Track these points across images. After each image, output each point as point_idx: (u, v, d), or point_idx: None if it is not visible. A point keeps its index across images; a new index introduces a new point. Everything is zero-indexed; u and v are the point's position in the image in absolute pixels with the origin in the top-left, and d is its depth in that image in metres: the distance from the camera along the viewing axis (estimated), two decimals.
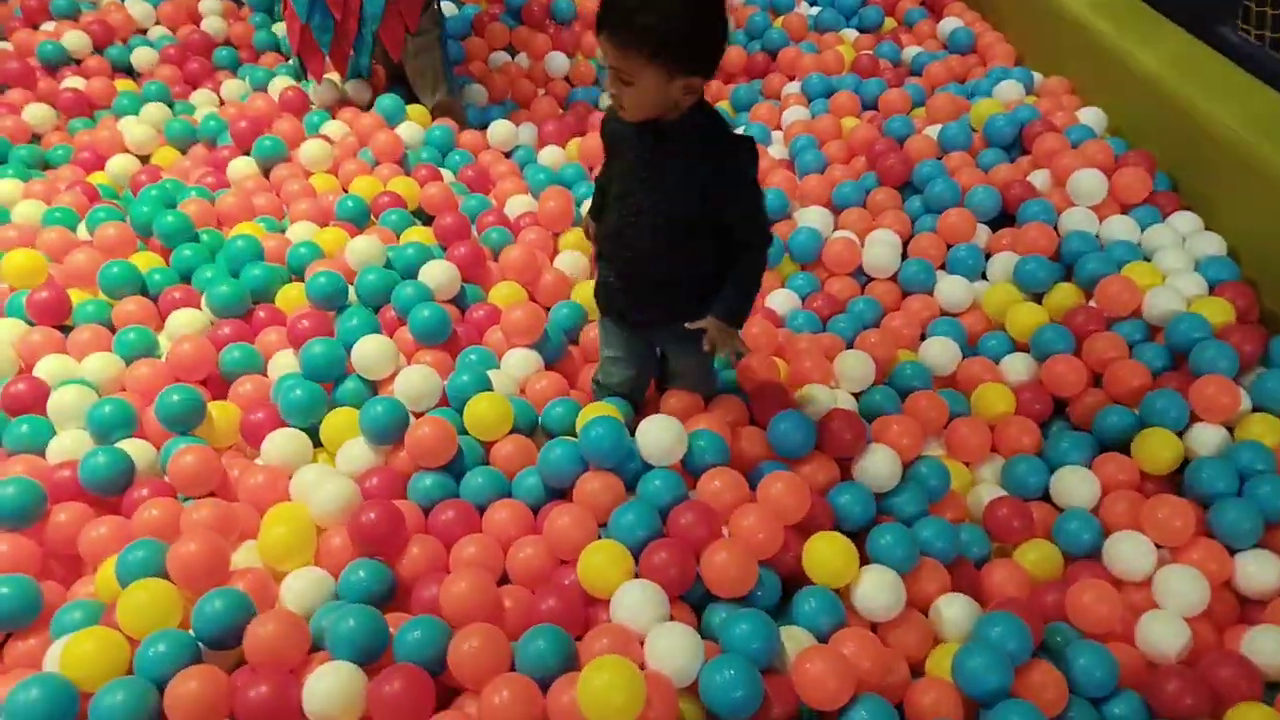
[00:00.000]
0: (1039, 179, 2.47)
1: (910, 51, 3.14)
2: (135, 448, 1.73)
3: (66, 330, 2.01)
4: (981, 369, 2.10)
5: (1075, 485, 1.85)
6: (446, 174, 2.62)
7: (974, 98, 2.82)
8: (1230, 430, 1.92)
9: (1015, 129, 2.61)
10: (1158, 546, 1.72)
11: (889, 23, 3.36)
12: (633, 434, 1.71)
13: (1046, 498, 1.89)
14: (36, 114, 2.72)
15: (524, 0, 3.33)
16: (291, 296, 2.07)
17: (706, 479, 1.67)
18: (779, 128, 2.87)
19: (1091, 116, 2.65)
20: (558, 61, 3.18)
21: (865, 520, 1.72)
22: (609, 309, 1.77)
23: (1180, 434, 1.90)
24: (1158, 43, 2.67)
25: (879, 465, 1.77)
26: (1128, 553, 1.71)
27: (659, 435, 1.67)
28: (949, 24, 3.21)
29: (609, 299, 1.76)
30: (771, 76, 3.14)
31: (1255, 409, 1.94)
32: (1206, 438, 1.89)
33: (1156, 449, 1.86)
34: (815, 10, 3.40)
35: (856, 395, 2.00)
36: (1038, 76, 2.92)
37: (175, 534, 1.54)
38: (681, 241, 1.59)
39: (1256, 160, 2.20)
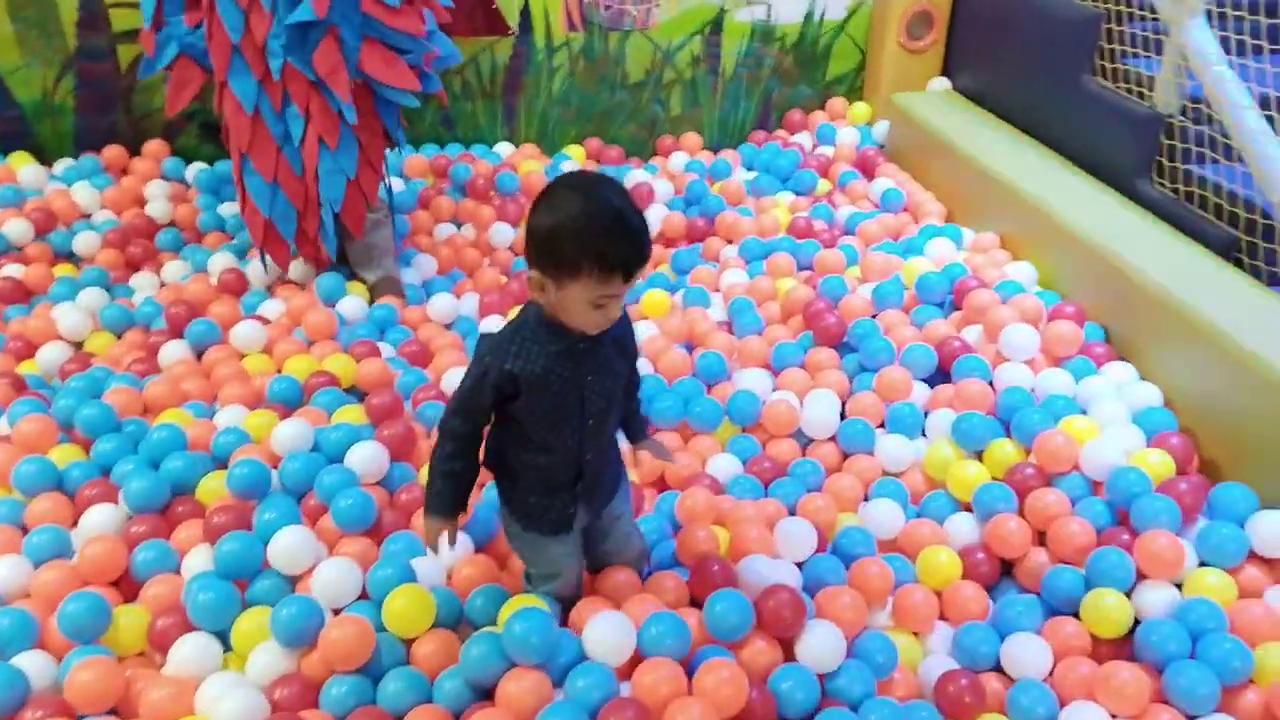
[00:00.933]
0: (973, 334, 2.49)
1: (844, 212, 3.22)
2: (34, 661, 1.63)
3: None
4: (927, 531, 2.05)
5: (1027, 654, 1.78)
6: (387, 349, 2.61)
7: (907, 255, 2.88)
8: (1179, 587, 1.87)
9: (947, 286, 2.65)
10: (1113, 717, 1.65)
11: (823, 185, 3.46)
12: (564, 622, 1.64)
13: (998, 667, 1.82)
14: None
15: (469, 174, 3.41)
16: (212, 488, 2.01)
17: (641, 671, 1.59)
18: (718, 290, 2.91)
19: (1021, 271, 2.70)
20: (502, 233, 3.23)
21: (810, 707, 1.64)
22: (564, 525, 1.67)
23: (1129, 593, 1.85)
24: (1081, 198, 2.76)
25: (823, 644, 1.71)
26: None
27: (610, 636, 1.62)
28: (881, 184, 3.31)
29: (564, 518, 1.66)
30: (710, 240, 3.20)
31: (1202, 563, 1.90)
32: (1156, 597, 1.84)
33: (1107, 611, 1.82)
34: (752, 175, 3.51)
35: (799, 564, 1.94)
36: (968, 233, 3.00)
37: None
38: (621, 408, 1.66)
39: (1184, 310, 2.24)
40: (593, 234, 1.36)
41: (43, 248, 3.01)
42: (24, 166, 3.30)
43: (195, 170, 3.46)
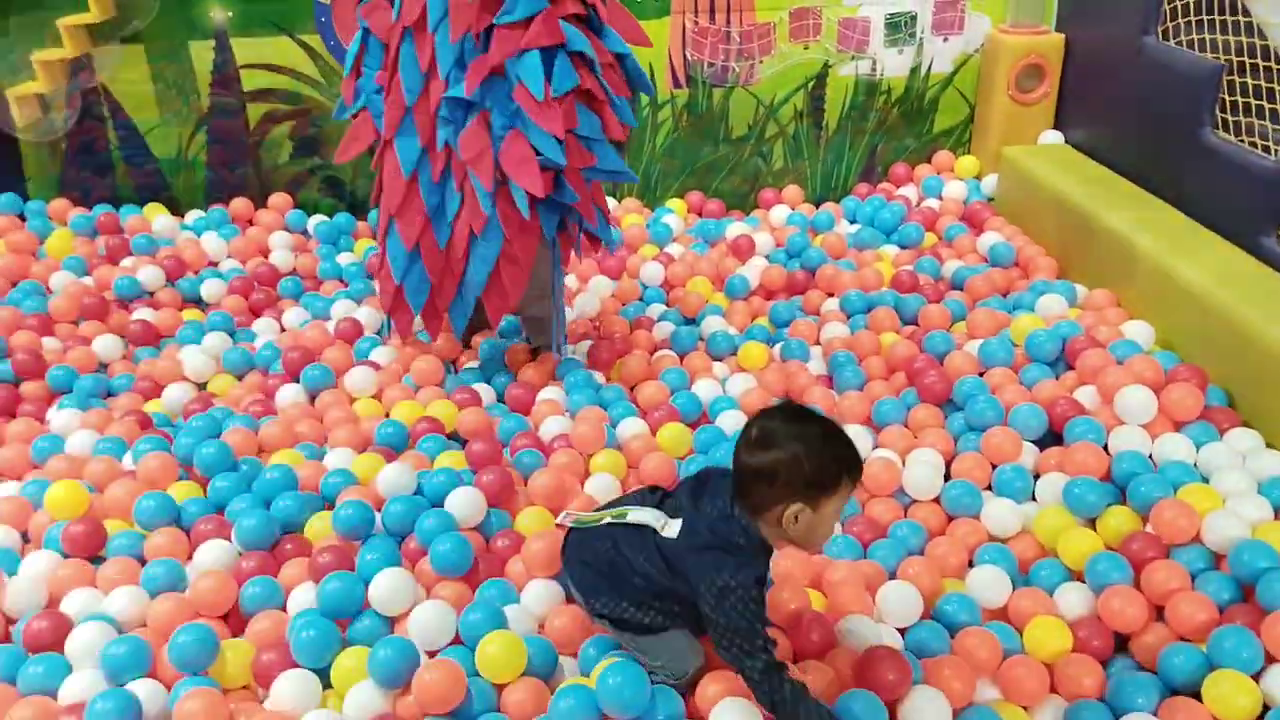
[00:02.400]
0: (1085, 396, 2.40)
1: (950, 266, 3.16)
2: (146, 689, 1.69)
3: (100, 562, 2.03)
4: (1034, 601, 1.97)
5: None
6: (488, 393, 2.67)
7: (1016, 311, 2.81)
8: None
9: (1058, 344, 2.57)
10: None
11: (929, 239, 3.41)
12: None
13: None
14: (105, 344, 2.87)
15: None
16: (319, 527, 2.08)
17: None
18: (818, 343, 2.88)
19: (1138, 331, 2.60)
20: (601, 285, 3.28)
21: None
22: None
23: (1256, 677, 1.73)
24: (1201, 255, 2.65)
25: (929, 713, 1.64)
26: None
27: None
28: (989, 238, 3.25)
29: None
30: (810, 293, 3.18)
31: None
32: None
33: (1230, 695, 1.70)
34: (854, 228, 3.49)
35: (901, 631, 1.89)
36: (1081, 289, 2.90)
37: None
38: None
39: None
40: (841, 448, 1.53)
41: (172, 293, 3.19)
42: (158, 217, 3.52)
43: (316, 222, 3.63)
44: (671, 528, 1.61)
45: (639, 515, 1.66)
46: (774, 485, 1.50)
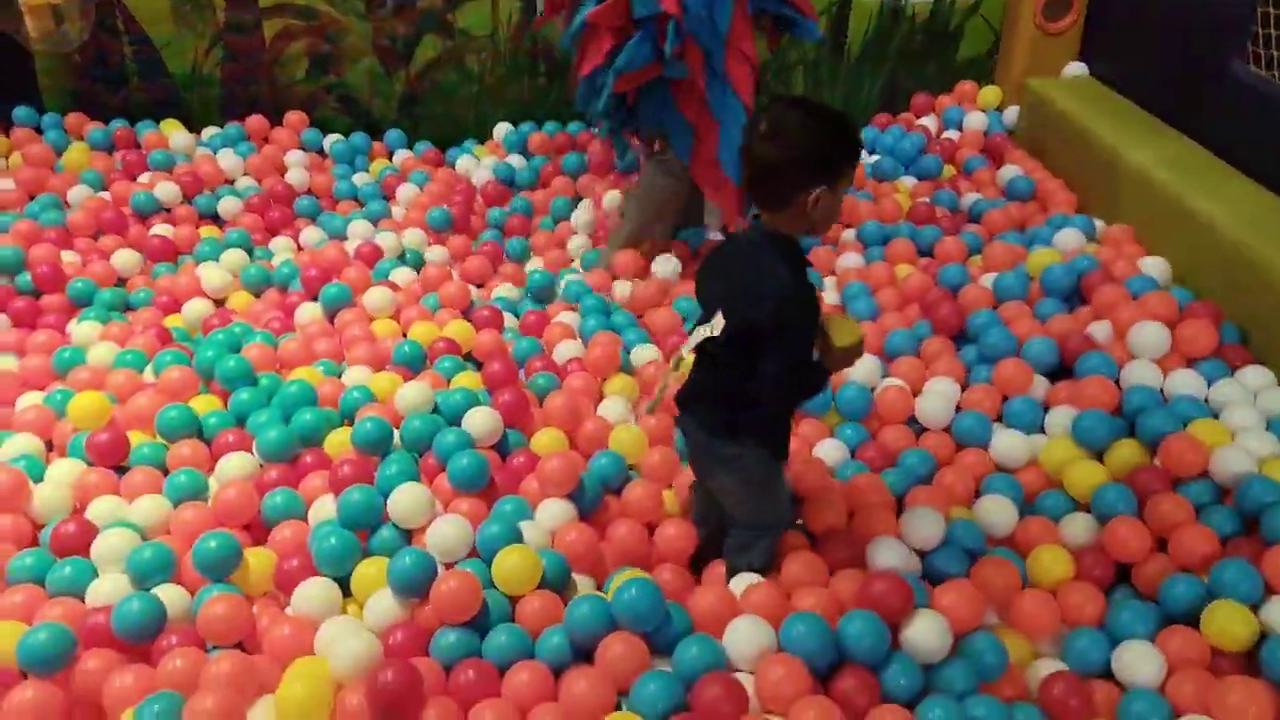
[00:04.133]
0: (1099, 331, 2.41)
1: (969, 199, 3.14)
2: (171, 594, 1.75)
3: (124, 471, 2.08)
4: (1040, 530, 2.00)
5: (1140, 662, 1.72)
6: (510, 319, 2.70)
7: (1034, 245, 2.80)
8: None
9: (1074, 279, 2.56)
10: None
11: (948, 170, 3.38)
12: None
13: (1109, 673, 1.76)
14: (123, 259, 2.89)
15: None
16: (339, 441, 2.11)
17: (766, 666, 1.59)
18: (832, 273, 2.88)
19: (1154, 266, 2.59)
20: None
21: (911, 694, 1.63)
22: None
23: (1254, 608, 1.77)
24: (1222, 192, 2.63)
25: (928, 634, 1.68)
26: None
27: (749, 645, 1.63)
28: (1008, 171, 3.22)
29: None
30: None
31: None
32: None
33: (1228, 624, 1.74)
34: (874, 158, 3.45)
35: (921, 554, 1.92)
36: (1100, 224, 2.89)
37: (197, 687, 1.54)
38: None
39: None
40: (847, 126, 1.55)
41: (189, 210, 3.19)
42: (174, 133, 3.50)
43: (332, 141, 3.61)
44: (716, 321, 1.59)
45: (690, 340, 1.65)
46: (800, 171, 1.52)
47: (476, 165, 3.54)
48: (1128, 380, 2.25)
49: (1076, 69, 3.56)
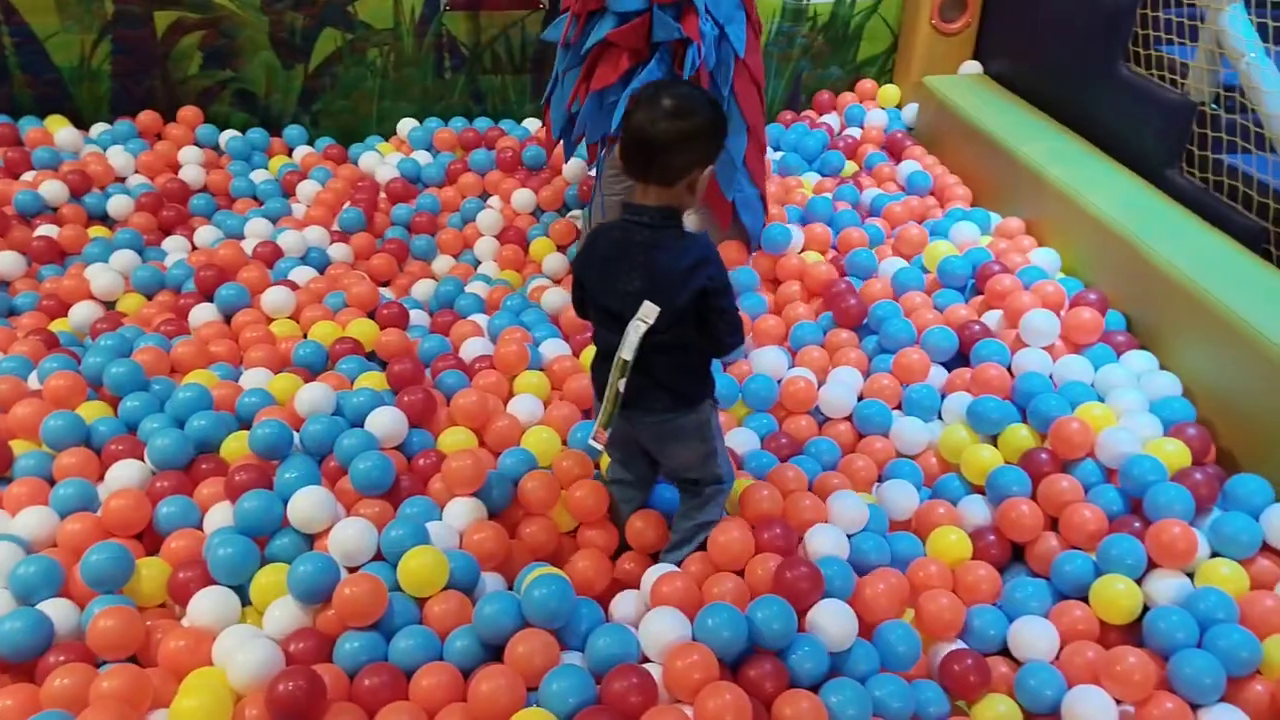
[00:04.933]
0: (993, 319, 2.49)
1: (870, 194, 3.21)
2: (57, 609, 1.68)
3: (7, 483, 1.98)
4: (941, 513, 2.06)
5: (1035, 636, 1.80)
6: (419, 316, 2.66)
7: (932, 238, 2.87)
8: (1190, 576, 1.87)
9: (970, 269, 2.64)
10: (1118, 702, 1.66)
11: (850, 167, 3.45)
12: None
13: (1006, 649, 1.83)
14: (5, 261, 2.76)
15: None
16: (236, 447, 2.05)
17: (673, 655, 1.59)
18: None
19: (1044, 257, 2.69)
20: (524, 198, 3.25)
21: (818, 678, 1.66)
22: None
23: (1139, 581, 1.85)
24: (1107, 185, 2.74)
25: (836, 622, 1.71)
26: (1089, 709, 1.65)
27: (661, 631, 1.64)
28: (907, 167, 3.30)
29: None
30: None
31: (1214, 554, 1.90)
32: (1166, 585, 1.85)
33: (1115, 597, 1.82)
34: (778, 155, 3.50)
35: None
36: (995, 217, 2.98)
37: (85, 705, 1.48)
38: None
39: (1208, 300, 2.21)
40: (724, 112, 1.66)
41: (77, 209, 3.06)
42: (60, 129, 3.35)
43: (228, 137, 3.51)
44: (646, 308, 1.61)
45: (629, 341, 1.62)
46: (696, 148, 1.60)
47: (381, 162, 3.48)
48: (1019, 366, 2.33)
49: (971, 68, 3.67)
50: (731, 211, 2.74)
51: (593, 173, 3.04)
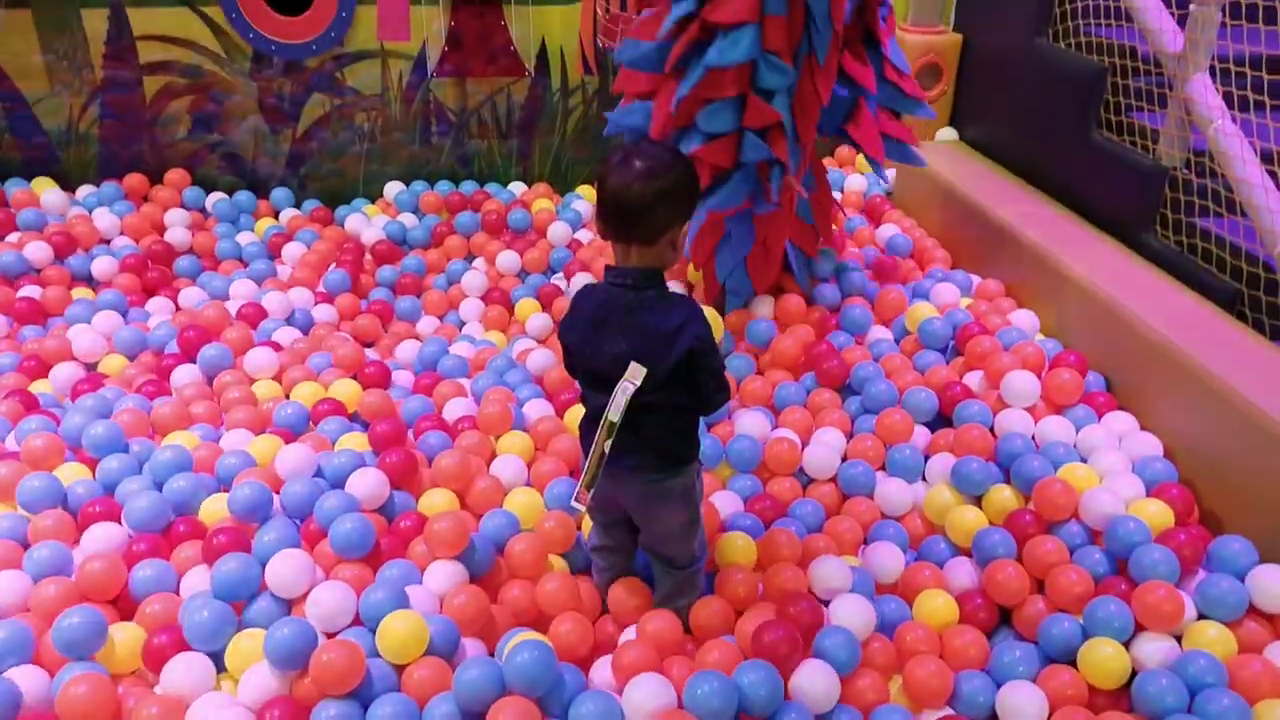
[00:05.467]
0: (974, 380, 2.50)
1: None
2: (27, 676, 1.64)
3: None
4: (927, 575, 2.05)
5: (1023, 702, 1.77)
6: (403, 376, 2.65)
7: (914, 300, 2.90)
8: (1178, 639, 1.86)
9: (951, 331, 2.66)
10: None
11: None
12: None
13: (994, 714, 1.80)
14: None
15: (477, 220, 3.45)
16: (215, 510, 2.03)
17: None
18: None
19: (1024, 319, 2.72)
20: (508, 260, 3.27)
21: None
22: None
23: (1127, 644, 1.84)
24: (1084, 248, 2.78)
25: (817, 685, 1.70)
26: None
27: (645, 699, 1.62)
28: (887, 230, 3.34)
29: None
30: None
31: (1201, 616, 1.89)
32: (1154, 648, 1.83)
33: (1103, 661, 1.80)
34: None
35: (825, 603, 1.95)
36: (975, 279, 3.01)
37: None
38: None
39: (1186, 361, 2.24)
40: (690, 166, 1.67)
41: (61, 270, 3.07)
42: (46, 191, 3.37)
43: (215, 199, 3.53)
44: (634, 369, 1.61)
45: (617, 404, 1.61)
46: (673, 207, 1.62)
47: (366, 224, 3.50)
48: (1002, 427, 2.33)
49: (947, 134, 3.74)
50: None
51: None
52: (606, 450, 1.63)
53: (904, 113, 2.71)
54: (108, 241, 3.26)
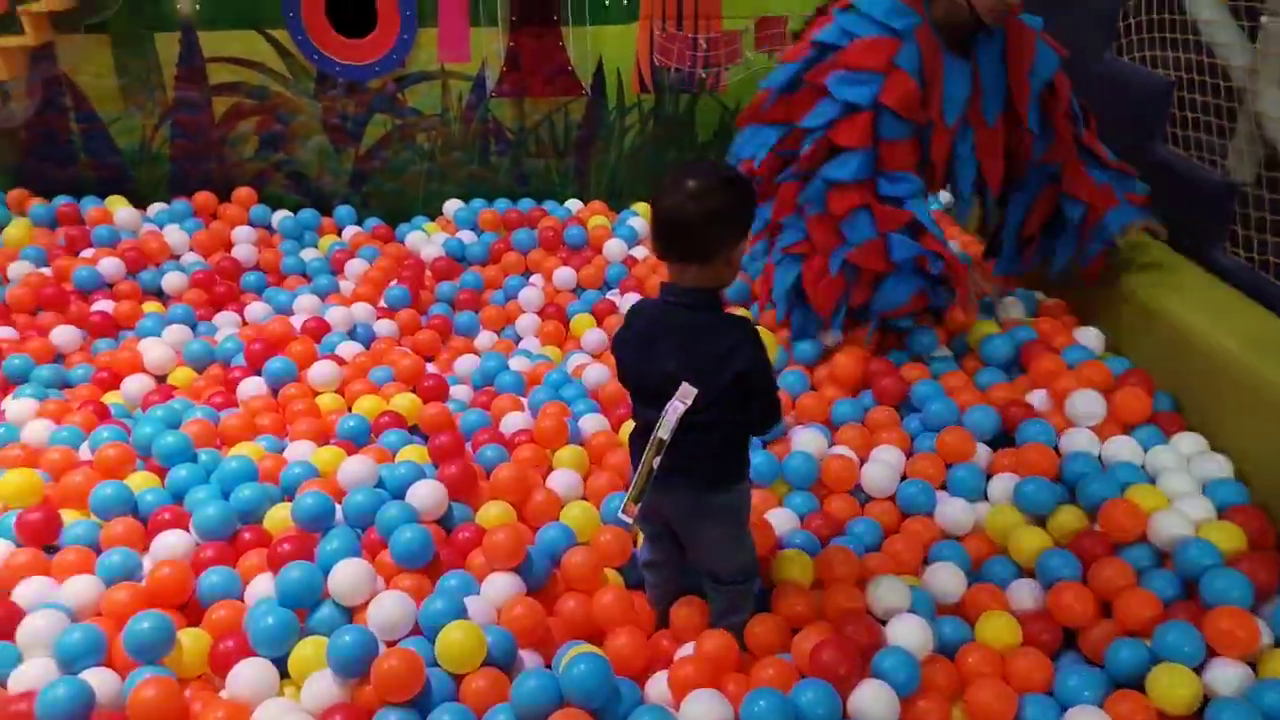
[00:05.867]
0: (1037, 399, 2.46)
1: None
2: (100, 678, 1.68)
3: (55, 551, 2.01)
4: (987, 596, 2.01)
5: None
6: (461, 390, 2.68)
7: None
8: (1253, 666, 1.80)
9: (1013, 349, 2.62)
10: None
11: None
12: None
13: None
14: (62, 335, 2.84)
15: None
16: (280, 518, 2.07)
17: None
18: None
19: (1089, 336, 2.67)
20: (564, 277, 3.30)
21: None
22: None
23: (1198, 670, 1.79)
24: (1152, 264, 2.72)
25: (876, 706, 1.68)
26: None
27: (703, 714, 1.62)
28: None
29: None
30: None
31: (1277, 643, 1.83)
32: (1226, 675, 1.78)
33: (1173, 687, 1.75)
34: None
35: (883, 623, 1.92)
36: (1038, 295, 2.97)
37: None
38: None
39: (1258, 381, 2.18)
40: (752, 188, 1.70)
41: (133, 285, 3.16)
42: (119, 209, 3.48)
43: (280, 217, 3.61)
44: (685, 389, 1.61)
45: (667, 422, 1.62)
46: (729, 226, 1.61)
47: (426, 241, 3.56)
48: (1067, 447, 2.29)
49: None
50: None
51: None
52: (655, 466, 1.63)
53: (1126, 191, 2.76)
54: (177, 257, 3.35)
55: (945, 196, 3.31)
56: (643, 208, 3.79)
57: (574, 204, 3.81)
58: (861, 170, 2.48)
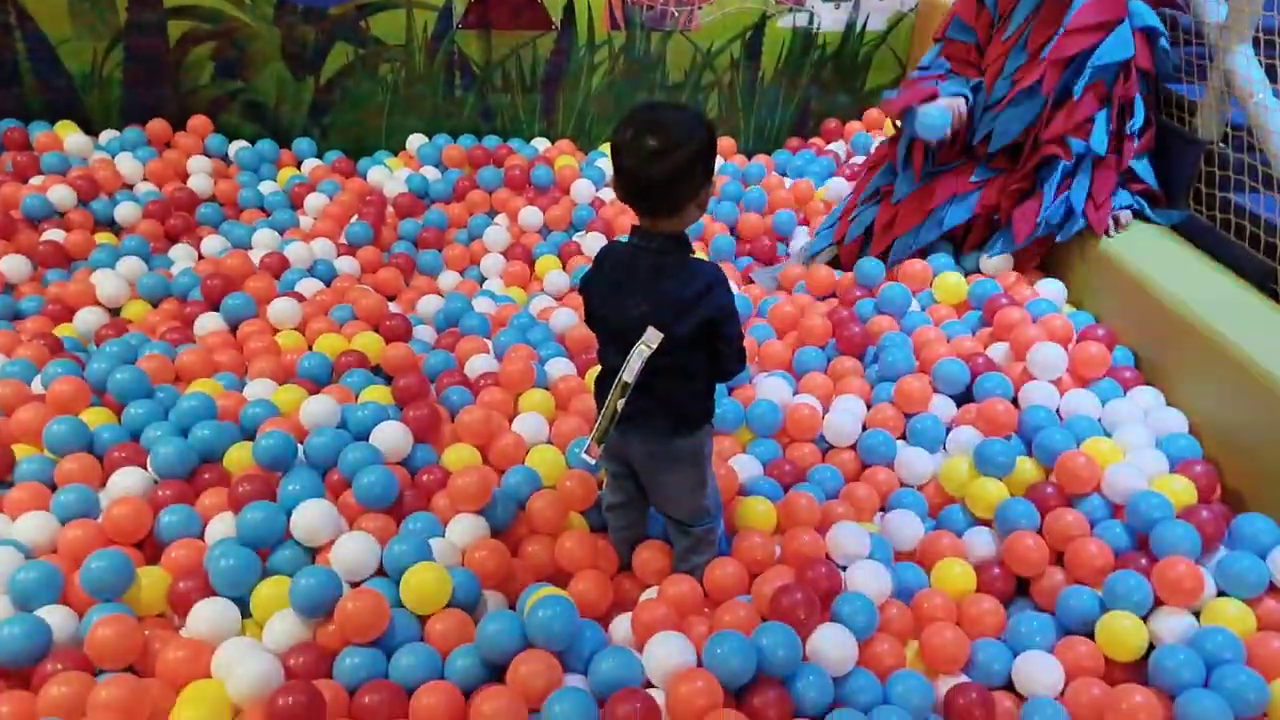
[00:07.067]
0: (998, 352, 2.48)
1: None
2: (57, 616, 1.66)
3: (8, 487, 1.97)
4: (946, 544, 2.05)
5: (1039, 672, 1.78)
6: (425, 331, 2.65)
7: (939, 270, 2.87)
8: (1196, 615, 1.86)
9: (977, 301, 2.64)
10: None
11: None
12: None
13: (1010, 684, 1.81)
14: (12, 264, 2.75)
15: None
16: (239, 457, 2.04)
17: (678, 681, 1.59)
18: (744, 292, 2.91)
19: (1053, 289, 2.69)
20: (532, 216, 3.26)
21: (822, 706, 1.65)
22: None
23: (1145, 618, 1.84)
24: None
25: (835, 647, 1.71)
26: None
27: (666, 655, 1.63)
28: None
29: None
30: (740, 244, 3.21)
31: (1220, 593, 1.89)
32: (1172, 623, 1.83)
33: (1121, 633, 1.81)
34: (789, 182, 3.51)
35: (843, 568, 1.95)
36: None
37: (82, 714, 1.46)
38: None
39: (1216, 338, 2.21)
40: (708, 123, 1.59)
41: (84, 215, 3.06)
42: (70, 135, 3.36)
43: (237, 147, 3.51)
44: (651, 333, 1.59)
45: (632, 365, 1.60)
46: (694, 178, 1.56)
47: (389, 176, 3.48)
48: (1025, 399, 2.32)
49: None
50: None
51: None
52: (619, 409, 1.63)
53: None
54: (130, 187, 3.26)
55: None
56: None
57: (541, 142, 3.74)
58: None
